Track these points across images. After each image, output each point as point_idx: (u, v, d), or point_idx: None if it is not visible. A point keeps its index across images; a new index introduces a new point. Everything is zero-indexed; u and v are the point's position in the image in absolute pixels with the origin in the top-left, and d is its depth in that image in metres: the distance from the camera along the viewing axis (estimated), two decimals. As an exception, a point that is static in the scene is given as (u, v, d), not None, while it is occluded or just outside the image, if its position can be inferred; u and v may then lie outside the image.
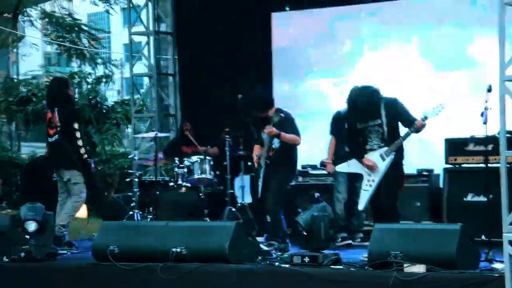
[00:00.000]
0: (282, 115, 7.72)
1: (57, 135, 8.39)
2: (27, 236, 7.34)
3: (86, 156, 8.31)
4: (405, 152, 7.26)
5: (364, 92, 7.15)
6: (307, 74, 10.44)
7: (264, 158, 7.87)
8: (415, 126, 7.03)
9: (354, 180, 7.83)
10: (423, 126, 7.04)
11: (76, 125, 8.37)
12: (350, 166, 7.43)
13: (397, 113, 7.18)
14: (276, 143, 7.79)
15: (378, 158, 7.15)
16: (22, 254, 7.28)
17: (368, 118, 7.19)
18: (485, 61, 8.85)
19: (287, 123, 7.78)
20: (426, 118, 7.02)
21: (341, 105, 7.70)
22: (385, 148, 7.13)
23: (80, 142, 8.33)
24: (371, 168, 7.10)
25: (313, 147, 9.35)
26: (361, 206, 7.32)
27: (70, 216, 8.39)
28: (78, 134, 8.34)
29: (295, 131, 7.82)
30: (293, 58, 10.56)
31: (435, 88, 9.45)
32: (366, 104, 7.09)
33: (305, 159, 9.51)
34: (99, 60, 20.21)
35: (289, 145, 7.85)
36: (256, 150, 8.11)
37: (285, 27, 10.65)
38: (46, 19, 20.63)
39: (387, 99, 7.22)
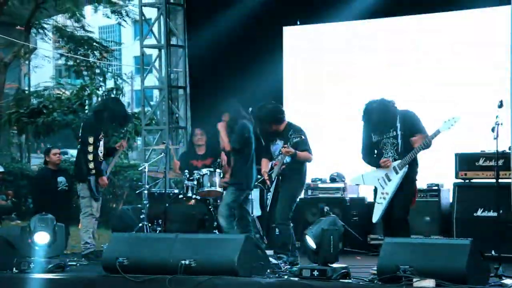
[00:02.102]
0: (299, 137, 7.75)
1: (78, 146, 8.61)
2: (37, 248, 7.36)
3: (94, 171, 8.37)
4: (418, 167, 7.24)
5: (379, 105, 7.18)
6: (319, 87, 10.45)
7: (276, 174, 7.89)
8: (426, 142, 7.04)
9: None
10: (431, 140, 7.05)
11: (90, 139, 8.44)
12: (364, 178, 7.45)
13: (412, 126, 7.19)
14: (287, 158, 7.82)
15: (391, 171, 7.16)
16: (32, 266, 7.29)
17: (384, 131, 7.21)
18: (497, 76, 8.83)
19: (301, 142, 7.82)
20: (438, 132, 7.02)
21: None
22: (399, 161, 7.14)
23: (90, 157, 8.39)
24: (387, 166, 7.13)
25: (324, 161, 9.35)
26: (375, 219, 7.33)
27: (86, 232, 8.48)
28: (90, 148, 8.40)
29: (308, 149, 7.86)
30: (305, 71, 10.58)
31: (446, 102, 9.44)
32: (381, 116, 7.13)
33: (315, 172, 9.54)
34: (109, 74, 20.32)
35: (300, 160, 7.87)
36: (265, 164, 8.14)
37: (297, 41, 10.68)
38: (58, 33, 20.79)
39: (402, 112, 7.25)
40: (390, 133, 7.20)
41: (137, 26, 14.10)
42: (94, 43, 20.97)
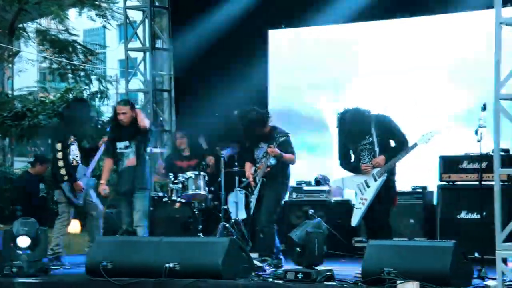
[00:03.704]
0: (284, 137, 7.76)
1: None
2: (20, 252, 7.31)
3: (66, 177, 8.29)
4: (397, 169, 7.29)
5: (354, 114, 7.22)
6: (303, 91, 10.46)
7: (261, 176, 7.89)
8: (404, 153, 7.08)
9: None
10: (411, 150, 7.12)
11: (58, 145, 8.37)
12: (344, 182, 7.50)
13: (388, 132, 7.25)
14: (271, 160, 7.82)
15: (371, 178, 7.21)
16: (14, 270, 7.24)
17: (359, 138, 7.26)
18: (481, 79, 8.88)
19: (287, 143, 7.83)
20: (416, 145, 7.09)
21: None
22: (378, 169, 7.18)
23: (60, 163, 8.31)
24: (368, 171, 7.16)
25: (308, 164, 9.37)
26: (354, 222, 7.39)
27: (57, 237, 8.38)
28: (59, 155, 8.31)
29: (292, 151, 7.88)
30: (290, 74, 10.60)
31: (429, 105, 9.49)
32: (356, 126, 7.18)
33: (300, 175, 9.54)
34: (93, 77, 20.25)
35: (283, 162, 7.88)
36: (248, 167, 8.15)
37: (282, 44, 10.69)
38: (41, 36, 20.70)
39: (378, 117, 7.29)
40: (366, 139, 7.25)
41: (122, 29, 14.07)
42: (79, 46, 20.89)
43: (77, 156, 8.45)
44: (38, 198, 9.55)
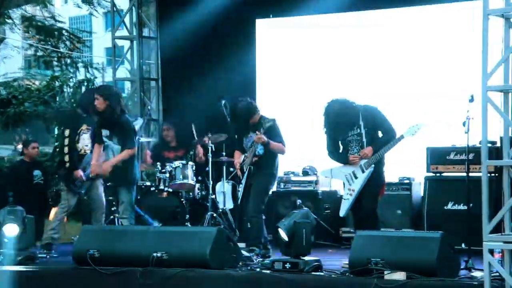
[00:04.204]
0: (270, 122, 7.75)
1: None
2: (6, 240, 7.28)
3: (68, 164, 8.23)
4: (386, 159, 7.31)
5: (341, 105, 7.22)
6: (291, 80, 10.46)
7: (248, 165, 7.89)
8: (391, 144, 7.11)
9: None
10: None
11: (66, 132, 8.27)
12: (333, 172, 7.51)
13: (375, 122, 7.27)
14: (259, 149, 7.82)
15: (358, 169, 7.23)
16: (1, 258, 7.21)
17: (347, 129, 7.28)
18: (469, 70, 8.91)
19: (274, 131, 7.82)
20: (402, 137, 7.12)
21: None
22: (366, 160, 7.20)
23: (65, 149, 8.24)
24: (355, 163, 7.19)
25: (296, 154, 9.36)
26: (342, 213, 7.42)
27: (53, 222, 8.35)
28: (66, 141, 8.22)
29: (281, 140, 7.87)
30: (278, 64, 10.58)
31: (417, 97, 9.51)
32: (343, 117, 7.19)
33: (288, 165, 9.55)
34: (80, 64, 20.09)
35: (272, 152, 7.88)
36: (237, 156, 8.15)
37: (270, 33, 10.67)
38: (26, 22, 20.48)
39: (365, 108, 7.31)
40: (354, 130, 7.27)
41: (109, 17, 13.99)
42: (65, 33, 20.72)
43: (87, 146, 8.28)
44: (32, 184, 9.47)
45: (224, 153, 9.34)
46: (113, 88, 8.39)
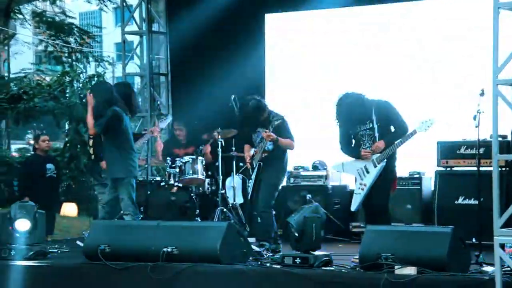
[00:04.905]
0: (279, 120, 7.76)
1: None
2: (18, 235, 7.31)
3: (93, 157, 8.23)
4: (397, 154, 7.29)
5: (353, 99, 7.19)
6: (300, 75, 10.44)
7: (258, 161, 7.90)
8: (403, 139, 7.09)
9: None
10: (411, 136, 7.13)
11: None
12: (344, 166, 7.50)
13: (388, 117, 7.24)
14: (269, 145, 7.83)
15: (370, 163, 7.21)
16: (13, 253, 7.24)
17: (359, 123, 7.25)
18: (479, 64, 8.88)
19: (283, 128, 7.83)
20: (415, 132, 7.09)
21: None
22: (378, 155, 7.18)
23: (90, 142, 8.29)
24: (367, 157, 7.16)
25: (306, 149, 9.36)
26: (353, 207, 7.41)
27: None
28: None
29: (290, 136, 7.88)
30: (287, 58, 10.56)
31: (428, 91, 9.47)
32: (356, 110, 7.16)
33: (297, 160, 9.54)
34: (91, 57, 20.15)
35: (281, 148, 7.88)
36: (247, 149, 8.16)
37: (279, 28, 10.65)
38: (37, 18, 20.56)
39: (378, 103, 7.28)
40: (367, 125, 7.25)
41: (118, 12, 13.98)
42: (75, 29, 20.78)
43: None
44: (45, 178, 9.48)
45: (233, 148, 9.34)
46: (102, 84, 8.35)
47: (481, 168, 7.00)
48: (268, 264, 6.70)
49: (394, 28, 9.83)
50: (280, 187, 8.30)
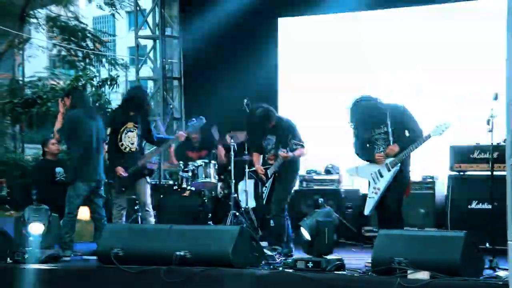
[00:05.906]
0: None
1: None
2: (31, 238, 7.34)
3: (108, 162, 8.22)
4: (411, 158, 7.27)
5: (366, 102, 7.18)
6: (314, 79, 10.44)
7: (273, 172, 7.94)
8: (418, 143, 7.06)
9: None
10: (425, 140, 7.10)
11: (107, 130, 8.20)
12: (358, 170, 7.49)
13: (403, 121, 7.20)
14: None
15: (384, 168, 7.19)
16: (26, 256, 7.28)
17: (373, 127, 7.23)
18: (493, 68, 8.84)
19: (294, 138, 7.83)
20: (429, 136, 7.05)
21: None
22: (392, 159, 7.16)
23: (106, 148, 8.25)
24: (381, 161, 7.15)
25: (319, 153, 9.35)
26: (366, 212, 7.39)
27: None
28: (107, 140, 8.19)
29: (300, 139, 7.90)
30: (300, 63, 10.57)
31: (442, 95, 9.45)
32: (370, 114, 7.14)
33: (310, 164, 9.54)
34: (104, 60, 20.22)
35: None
36: (256, 158, 8.20)
37: (292, 32, 10.66)
38: (51, 23, 20.67)
39: (393, 107, 7.25)
40: (381, 129, 7.21)
41: (132, 17, 14.05)
42: (88, 34, 20.87)
43: (132, 144, 8.10)
44: (55, 182, 9.53)
45: (246, 152, 9.35)
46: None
47: (494, 173, 6.96)
48: (280, 268, 6.70)
49: (407, 32, 9.81)
50: (292, 191, 8.31)
